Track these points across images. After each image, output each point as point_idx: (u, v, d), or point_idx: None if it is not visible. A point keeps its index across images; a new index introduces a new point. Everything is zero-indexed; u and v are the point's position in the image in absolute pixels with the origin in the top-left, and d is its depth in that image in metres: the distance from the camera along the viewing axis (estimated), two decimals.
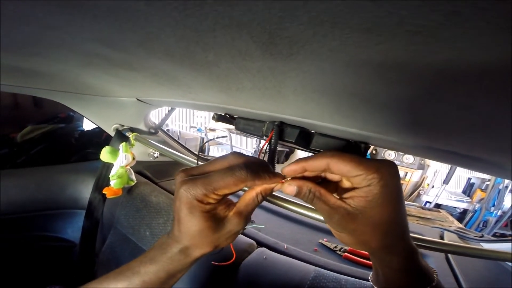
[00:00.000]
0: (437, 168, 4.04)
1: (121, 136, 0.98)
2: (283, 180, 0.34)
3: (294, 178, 0.33)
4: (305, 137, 0.49)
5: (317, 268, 0.77)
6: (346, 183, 0.33)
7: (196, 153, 1.33)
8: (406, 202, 2.99)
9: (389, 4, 0.12)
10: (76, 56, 0.42)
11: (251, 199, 0.36)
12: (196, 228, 0.34)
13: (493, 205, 3.61)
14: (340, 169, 0.30)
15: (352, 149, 0.45)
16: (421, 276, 0.33)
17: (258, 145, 3.45)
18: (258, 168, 0.33)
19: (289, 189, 0.33)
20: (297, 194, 0.33)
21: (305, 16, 0.15)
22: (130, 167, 0.99)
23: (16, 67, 0.55)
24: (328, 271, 0.75)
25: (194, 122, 4.08)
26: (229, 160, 0.34)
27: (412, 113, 0.29)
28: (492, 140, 0.30)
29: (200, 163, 0.76)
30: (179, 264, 0.36)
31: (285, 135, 0.49)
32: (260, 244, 0.93)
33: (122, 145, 0.93)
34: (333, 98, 0.30)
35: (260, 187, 0.35)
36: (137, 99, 0.85)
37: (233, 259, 0.60)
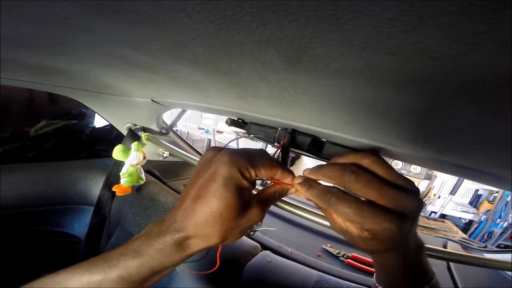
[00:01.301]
0: (444, 179, 4.00)
1: (133, 135, 1.00)
2: (296, 183, 0.35)
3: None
4: (316, 145, 0.50)
5: (320, 273, 0.78)
6: None
7: None
8: None
9: (417, 34, 0.14)
10: (100, 57, 0.44)
11: (271, 194, 0.36)
12: (222, 203, 0.29)
13: (500, 217, 3.56)
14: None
15: None
16: (421, 274, 0.34)
17: (265, 148, 3.45)
18: (281, 163, 0.36)
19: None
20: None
21: (336, 38, 0.16)
22: (140, 166, 1.00)
23: (38, 65, 0.57)
24: (330, 276, 0.77)
25: (202, 123, 4.09)
26: (259, 150, 0.35)
27: (425, 128, 0.30)
28: (504, 156, 0.31)
29: None
30: (169, 260, 0.30)
31: (297, 143, 0.50)
32: (265, 247, 0.94)
33: (134, 144, 0.95)
34: (350, 111, 0.31)
35: (279, 186, 0.36)
36: (152, 100, 0.87)
37: (216, 266, 0.57)
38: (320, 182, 0.34)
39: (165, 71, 0.44)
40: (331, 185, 0.33)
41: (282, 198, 0.64)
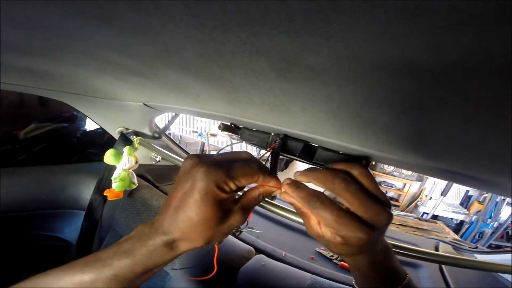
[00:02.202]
0: (435, 181, 4.06)
1: (125, 139, 0.98)
2: (285, 183, 0.36)
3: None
4: (308, 151, 0.50)
5: (314, 275, 0.78)
6: None
7: None
8: (402, 213, 3.01)
9: (405, 49, 0.14)
10: (91, 61, 0.44)
11: (254, 198, 0.36)
12: (201, 217, 0.31)
13: (490, 217, 3.63)
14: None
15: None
16: (392, 274, 0.35)
17: (259, 153, 3.44)
18: (265, 167, 0.35)
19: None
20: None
21: (325, 51, 0.16)
22: (132, 170, 0.99)
23: (28, 68, 0.56)
24: (324, 279, 0.77)
25: (195, 126, 4.05)
26: (241, 155, 0.36)
27: (413, 135, 0.30)
28: (489, 161, 0.31)
29: None
30: (161, 258, 0.32)
31: (289, 148, 0.50)
32: (259, 251, 0.94)
33: (126, 149, 0.94)
34: (339, 119, 0.31)
35: (263, 188, 0.36)
36: (144, 104, 0.86)
37: (213, 272, 0.58)
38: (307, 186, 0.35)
39: (156, 76, 0.43)
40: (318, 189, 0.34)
41: (275, 203, 0.65)
